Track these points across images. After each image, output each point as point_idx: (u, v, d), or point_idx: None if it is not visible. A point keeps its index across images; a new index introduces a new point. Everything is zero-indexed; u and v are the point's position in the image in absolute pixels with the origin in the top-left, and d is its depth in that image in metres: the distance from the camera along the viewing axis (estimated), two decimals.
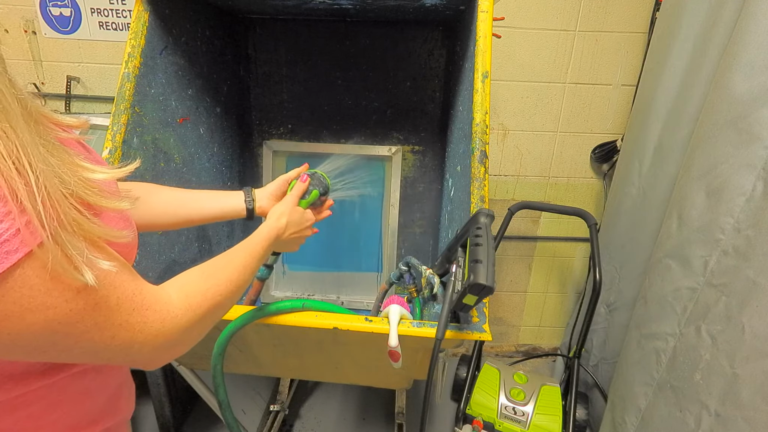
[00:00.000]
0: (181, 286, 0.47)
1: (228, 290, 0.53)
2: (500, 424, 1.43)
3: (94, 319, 0.36)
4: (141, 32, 0.96)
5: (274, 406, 1.58)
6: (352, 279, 1.53)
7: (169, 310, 0.43)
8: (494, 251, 0.67)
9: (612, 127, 1.75)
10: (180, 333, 0.44)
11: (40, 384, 0.42)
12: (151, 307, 0.41)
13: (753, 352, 0.91)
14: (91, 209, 0.36)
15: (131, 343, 0.40)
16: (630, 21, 1.61)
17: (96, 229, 0.35)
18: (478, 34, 0.94)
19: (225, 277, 0.53)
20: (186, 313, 0.45)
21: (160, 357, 0.45)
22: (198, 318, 0.47)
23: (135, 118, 0.94)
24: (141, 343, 0.40)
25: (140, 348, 0.41)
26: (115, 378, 0.52)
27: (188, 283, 0.49)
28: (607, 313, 1.63)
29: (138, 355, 0.41)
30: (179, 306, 0.45)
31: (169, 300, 0.44)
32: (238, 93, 1.40)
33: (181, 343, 0.46)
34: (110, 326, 0.37)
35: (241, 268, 0.57)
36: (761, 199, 0.93)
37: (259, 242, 0.66)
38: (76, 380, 0.45)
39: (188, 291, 0.47)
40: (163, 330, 0.42)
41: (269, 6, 1.23)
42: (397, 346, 0.71)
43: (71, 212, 0.33)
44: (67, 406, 0.46)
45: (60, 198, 0.32)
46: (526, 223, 1.91)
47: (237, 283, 0.55)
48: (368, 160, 1.45)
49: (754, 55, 0.96)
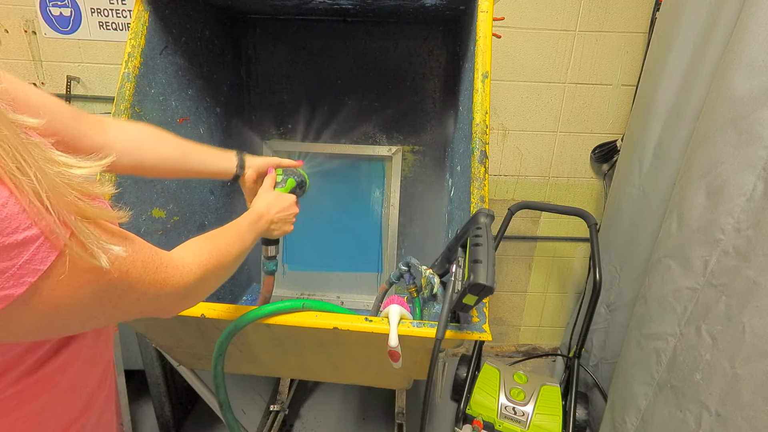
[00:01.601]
0: (187, 248, 0.56)
1: (227, 253, 0.61)
2: (500, 424, 1.43)
3: (129, 282, 0.42)
4: (141, 32, 0.96)
5: (274, 406, 1.58)
6: (352, 279, 1.53)
7: (184, 265, 0.50)
8: (494, 251, 0.67)
9: (612, 127, 1.75)
10: (195, 284, 0.52)
11: (33, 379, 0.43)
12: (169, 264, 0.48)
13: (753, 352, 0.91)
14: (87, 196, 0.38)
15: (158, 295, 0.46)
16: (630, 21, 1.61)
17: (99, 212, 0.38)
18: (478, 34, 0.94)
19: (223, 242, 0.62)
20: (198, 268, 0.53)
21: (179, 305, 0.53)
22: (207, 272, 0.55)
23: (135, 118, 0.94)
24: (166, 294, 0.47)
25: (165, 299, 0.48)
26: (98, 367, 0.54)
27: (193, 245, 0.57)
28: (607, 313, 1.63)
29: (163, 305, 0.49)
30: (191, 261, 0.52)
31: (182, 258, 0.51)
32: (238, 93, 1.40)
33: (194, 294, 0.54)
34: (141, 284, 0.43)
35: (234, 238, 0.66)
36: (761, 199, 0.93)
37: (243, 220, 0.73)
38: (62, 372, 0.47)
39: (195, 251, 0.55)
40: (182, 282, 0.49)
41: (269, 6, 1.23)
42: (397, 346, 0.71)
43: (76, 202, 0.36)
44: (60, 403, 0.47)
45: (62, 192, 0.35)
46: (526, 223, 1.91)
47: (232, 250, 0.63)
48: (368, 160, 1.46)
49: (754, 55, 0.96)
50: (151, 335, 1.01)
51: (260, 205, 0.81)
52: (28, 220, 0.32)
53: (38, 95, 0.55)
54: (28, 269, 0.32)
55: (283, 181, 0.93)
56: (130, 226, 0.95)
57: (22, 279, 0.32)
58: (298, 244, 1.53)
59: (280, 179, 0.93)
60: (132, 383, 1.54)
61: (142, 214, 0.99)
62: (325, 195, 1.45)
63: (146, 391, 1.51)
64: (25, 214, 0.31)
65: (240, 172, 0.88)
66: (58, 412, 0.47)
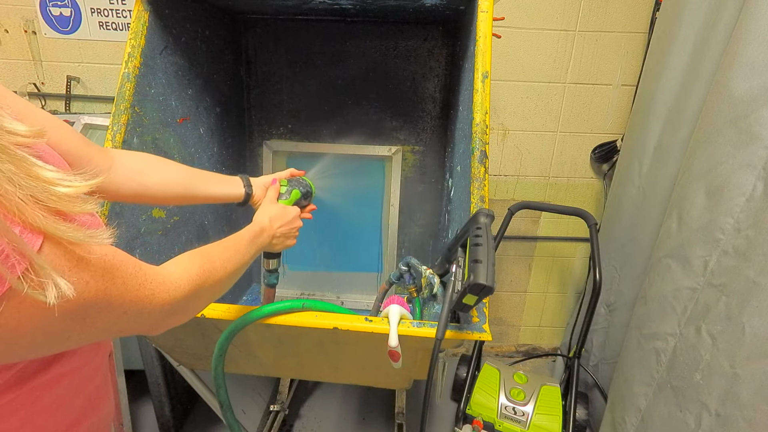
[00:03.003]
0: (178, 262, 0.53)
1: (222, 268, 0.58)
2: (500, 424, 1.43)
3: (108, 301, 0.39)
4: (141, 32, 0.96)
5: (274, 406, 1.58)
6: (352, 279, 1.53)
7: (172, 280, 0.48)
8: (494, 251, 0.67)
9: (612, 127, 1.75)
10: (183, 300, 0.50)
11: (11, 396, 0.42)
12: (155, 280, 0.45)
13: (753, 352, 0.91)
14: (63, 215, 0.35)
15: (140, 313, 0.44)
16: (630, 21, 1.61)
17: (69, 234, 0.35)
18: (478, 34, 0.94)
19: (218, 257, 0.59)
20: (187, 283, 0.50)
21: (165, 322, 0.50)
22: (197, 288, 0.52)
23: (135, 118, 0.94)
24: (149, 312, 0.45)
25: (149, 316, 0.45)
26: (92, 382, 0.53)
27: (185, 259, 0.54)
28: (607, 313, 1.63)
29: (147, 323, 0.47)
30: (180, 276, 0.50)
31: (170, 273, 0.49)
32: (238, 93, 1.41)
33: (183, 310, 0.52)
34: (122, 303, 0.41)
35: (231, 251, 0.63)
36: (761, 199, 0.93)
37: (244, 233, 0.71)
38: (49, 389, 0.46)
39: (186, 265, 0.52)
40: (169, 298, 0.47)
41: (269, 6, 1.23)
42: (397, 346, 0.71)
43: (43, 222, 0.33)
44: (41, 417, 0.46)
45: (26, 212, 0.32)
46: (526, 223, 1.91)
47: (228, 265, 0.60)
48: (368, 160, 1.46)
49: (754, 55, 0.96)
50: (152, 335, 1.01)
51: (263, 219, 0.79)
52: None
53: (44, 117, 0.54)
54: None
55: (287, 193, 0.91)
56: (130, 226, 0.95)
57: None
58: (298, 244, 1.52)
59: (284, 191, 0.91)
60: (132, 383, 1.54)
61: (142, 214, 0.99)
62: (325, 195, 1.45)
63: (146, 391, 1.51)
64: None
65: (249, 191, 0.87)
66: (39, 427, 0.46)
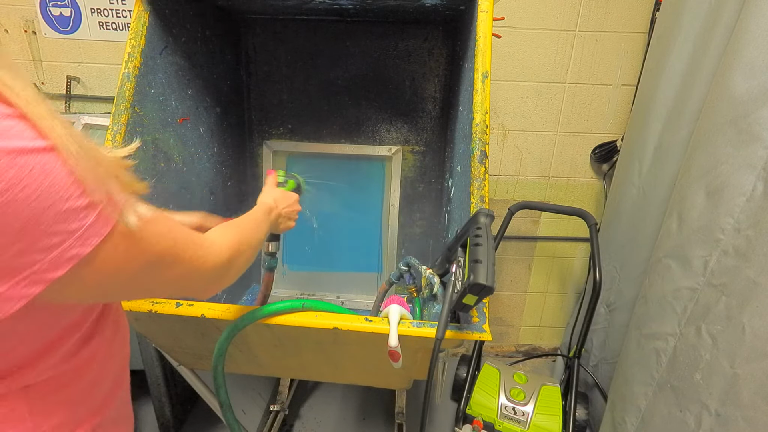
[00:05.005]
0: (218, 232, 0.59)
1: (250, 238, 0.65)
2: (500, 424, 1.43)
3: (175, 254, 0.45)
4: (141, 32, 0.96)
5: (274, 406, 1.58)
6: (352, 279, 1.53)
7: (217, 247, 0.53)
8: (494, 251, 0.67)
9: (612, 127, 1.75)
10: (225, 267, 0.55)
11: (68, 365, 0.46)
12: (203, 244, 0.50)
13: (753, 352, 0.91)
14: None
15: (192, 273, 0.49)
16: (630, 21, 1.61)
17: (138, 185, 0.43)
18: (478, 34, 0.94)
19: (245, 228, 0.66)
20: (228, 250, 0.56)
21: (211, 287, 0.56)
22: (236, 256, 0.58)
23: (135, 118, 0.94)
24: (200, 274, 0.50)
25: (199, 278, 0.51)
26: (111, 370, 0.55)
27: (220, 230, 0.61)
28: (607, 313, 1.63)
29: (198, 285, 0.53)
30: (222, 243, 0.55)
31: (214, 241, 0.54)
32: (238, 93, 1.40)
33: (224, 277, 0.57)
34: (183, 259, 0.46)
35: (253, 225, 0.71)
36: (761, 199, 0.93)
37: (257, 211, 0.77)
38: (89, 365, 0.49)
39: (226, 235, 0.59)
40: (216, 262, 0.52)
41: (269, 6, 1.23)
42: (397, 346, 0.71)
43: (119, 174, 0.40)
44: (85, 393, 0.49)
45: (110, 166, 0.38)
46: (526, 223, 1.91)
47: (253, 237, 0.67)
48: (368, 160, 1.46)
49: (754, 55, 0.96)
50: (151, 335, 1.01)
51: (268, 199, 0.84)
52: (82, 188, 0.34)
53: None
54: (93, 231, 0.35)
55: (285, 182, 0.97)
56: None
57: (89, 240, 0.35)
58: (298, 244, 1.53)
59: (282, 179, 0.97)
60: (132, 383, 1.53)
61: None
62: (325, 195, 1.45)
63: (146, 391, 1.51)
64: (83, 182, 0.34)
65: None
66: (87, 399, 0.49)
